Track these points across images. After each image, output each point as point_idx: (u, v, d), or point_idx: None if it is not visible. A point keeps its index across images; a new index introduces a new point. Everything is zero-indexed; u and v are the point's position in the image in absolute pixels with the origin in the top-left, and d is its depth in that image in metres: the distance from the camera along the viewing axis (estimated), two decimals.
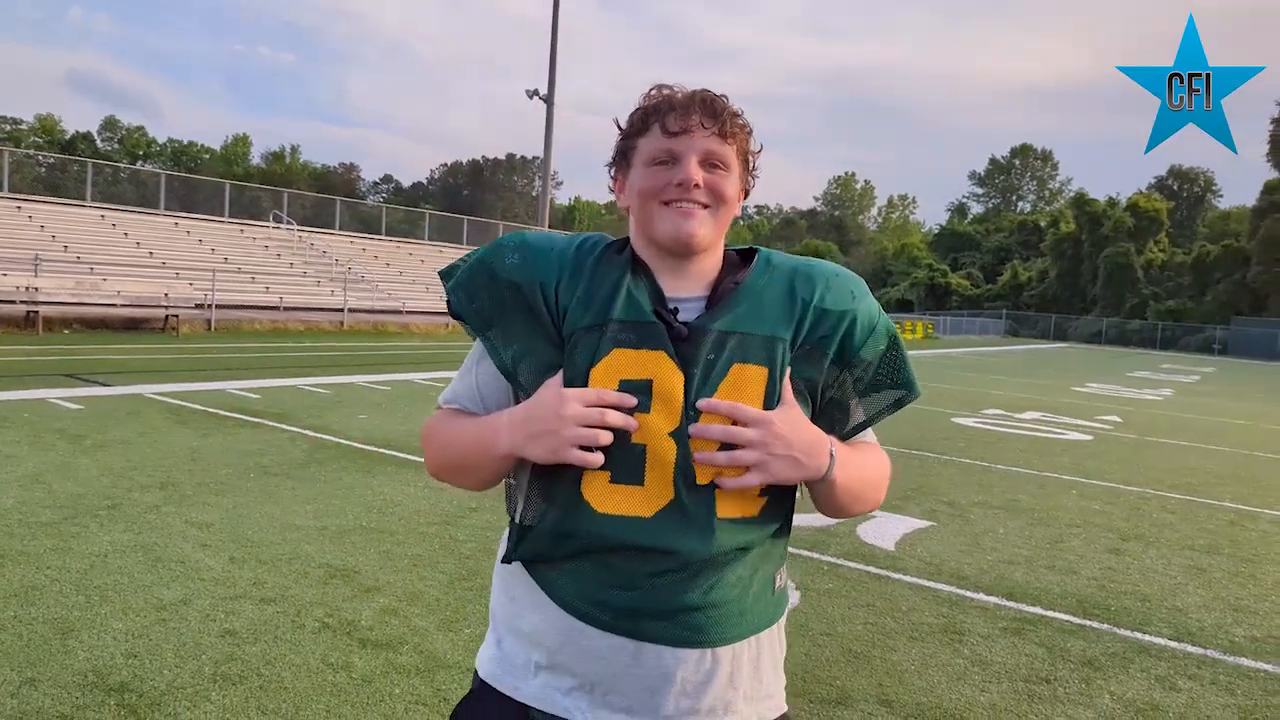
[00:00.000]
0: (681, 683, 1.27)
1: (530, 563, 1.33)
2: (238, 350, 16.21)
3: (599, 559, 1.26)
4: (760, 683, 1.35)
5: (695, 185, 1.28)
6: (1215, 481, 9.04)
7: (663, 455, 1.24)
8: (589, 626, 1.27)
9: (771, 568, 1.36)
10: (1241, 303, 58.95)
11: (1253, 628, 4.63)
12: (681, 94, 1.32)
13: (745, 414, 1.23)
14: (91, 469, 6.18)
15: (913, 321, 50.76)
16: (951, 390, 17.53)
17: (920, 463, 8.83)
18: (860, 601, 4.58)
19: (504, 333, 1.32)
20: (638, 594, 1.25)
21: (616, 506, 1.25)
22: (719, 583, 1.27)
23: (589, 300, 1.28)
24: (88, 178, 28.26)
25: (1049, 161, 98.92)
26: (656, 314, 1.27)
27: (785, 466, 1.24)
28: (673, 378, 1.25)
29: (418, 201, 79.31)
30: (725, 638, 1.28)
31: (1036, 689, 3.69)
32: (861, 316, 1.34)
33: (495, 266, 1.33)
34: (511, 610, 1.36)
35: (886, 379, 1.37)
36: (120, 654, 3.40)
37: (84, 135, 77.73)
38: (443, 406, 1.42)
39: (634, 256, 1.33)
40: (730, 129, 1.31)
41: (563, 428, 1.21)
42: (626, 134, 1.35)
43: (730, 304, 1.30)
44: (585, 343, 1.26)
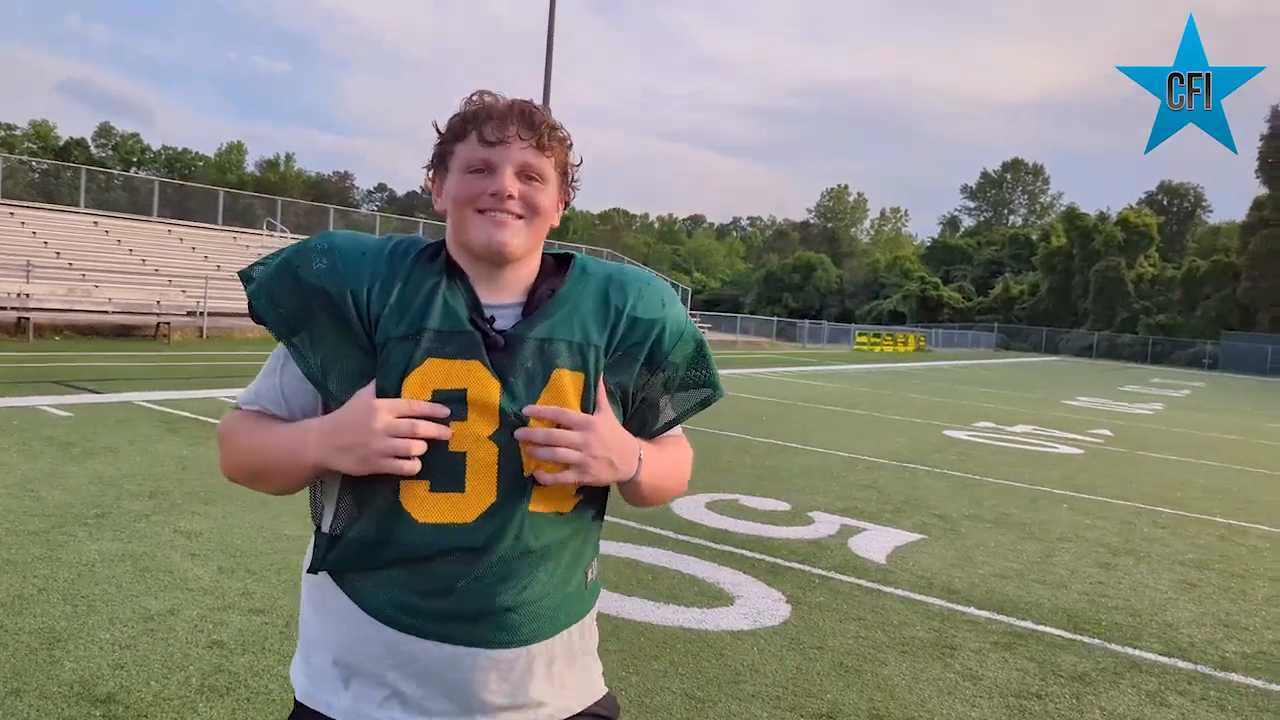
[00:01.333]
0: (496, 681, 1.29)
1: (339, 572, 1.32)
2: (230, 358, 16.16)
3: (414, 566, 1.27)
4: (573, 672, 1.38)
5: (509, 196, 1.29)
6: (1205, 496, 9.06)
7: (484, 460, 1.26)
8: (400, 633, 1.28)
9: (583, 564, 1.39)
10: (1231, 317, 59.25)
11: (1243, 643, 4.63)
12: (502, 103, 1.32)
13: (570, 418, 1.25)
14: (80, 477, 6.15)
15: (905, 334, 50.85)
16: (943, 403, 17.56)
17: (912, 475, 8.84)
18: (851, 615, 4.58)
19: (311, 339, 1.29)
20: (451, 599, 1.26)
21: (438, 515, 1.25)
22: (532, 582, 1.29)
23: (403, 309, 1.26)
24: (81, 184, 28.16)
25: (1040, 175, 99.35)
26: (473, 323, 1.28)
27: (602, 468, 1.27)
28: (489, 385, 1.25)
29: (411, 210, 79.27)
30: (538, 635, 1.31)
31: (1027, 704, 3.68)
32: (670, 323, 1.38)
33: (301, 270, 1.29)
34: (318, 622, 1.36)
35: (693, 380, 1.43)
36: (107, 665, 3.38)
37: (78, 141, 77.65)
38: (242, 407, 1.38)
39: (449, 263, 1.33)
40: (547, 141, 1.31)
41: (373, 440, 1.19)
42: (445, 139, 1.34)
43: (546, 311, 1.31)
44: (399, 352, 1.25)
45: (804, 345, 44.73)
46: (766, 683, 3.67)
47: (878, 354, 41.95)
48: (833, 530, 6.24)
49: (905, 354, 44.00)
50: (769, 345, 41.92)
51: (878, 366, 30.45)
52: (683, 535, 5.73)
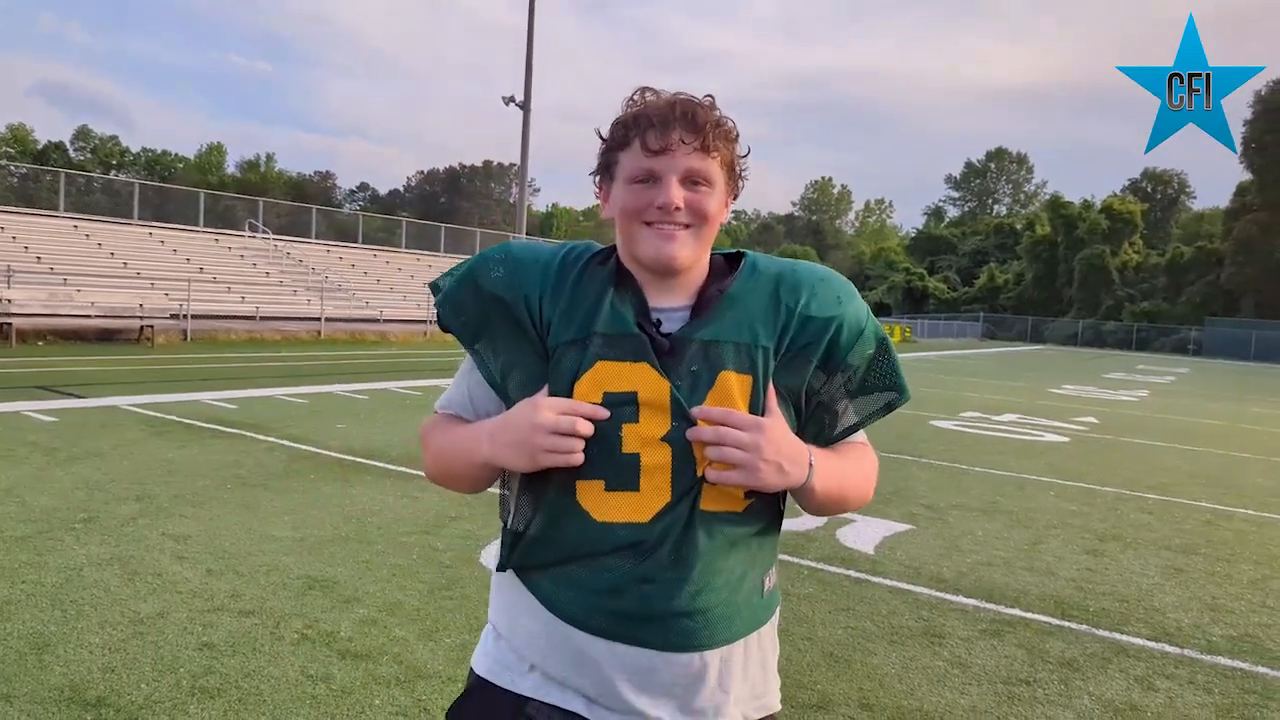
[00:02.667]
0: (671, 685, 1.29)
1: (522, 569, 1.35)
2: (214, 361, 16.09)
3: (591, 564, 1.28)
4: (749, 684, 1.36)
5: (676, 208, 1.27)
6: (1191, 481, 9.13)
7: (657, 461, 1.26)
8: (579, 632, 1.29)
9: (759, 571, 1.37)
10: (1215, 304, 59.64)
11: (1229, 627, 4.67)
12: (662, 102, 1.29)
13: (739, 419, 1.24)
14: (66, 482, 6.12)
15: (890, 325, 50.98)
16: (930, 393, 17.62)
17: (899, 466, 8.87)
18: (840, 605, 4.59)
19: (491, 345, 1.34)
20: (628, 599, 1.27)
21: (614, 514, 1.27)
22: (707, 587, 1.28)
23: (572, 314, 1.29)
24: (60, 188, 27.96)
25: (1024, 165, 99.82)
26: (639, 327, 1.28)
27: (770, 472, 1.24)
28: (658, 386, 1.26)
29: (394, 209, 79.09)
30: (714, 641, 1.30)
31: (1016, 691, 3.70)
32: (848, 321, 1.34)
33: (481, 279, 1.34)
34: (505, 616, 1.39)
35: (876, 382, 1.38)
36: (97, 668, 3.36)
37: (56, 145, 76.97)
38: (438, 411, 1.46)
39: (619, 267, 1.34)
40: (712, 142, 1.29)
41: (535, 435, 1.22)
42: (609, 146, 1.34)
43: (714, 313, 1.30)
44: (569, 357, 1.27)
45: None
46: None
47: None
48: (821, 521, 6.26)
49: None
50: None
51: None
52: None
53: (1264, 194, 58.42)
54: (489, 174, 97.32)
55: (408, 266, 33.09)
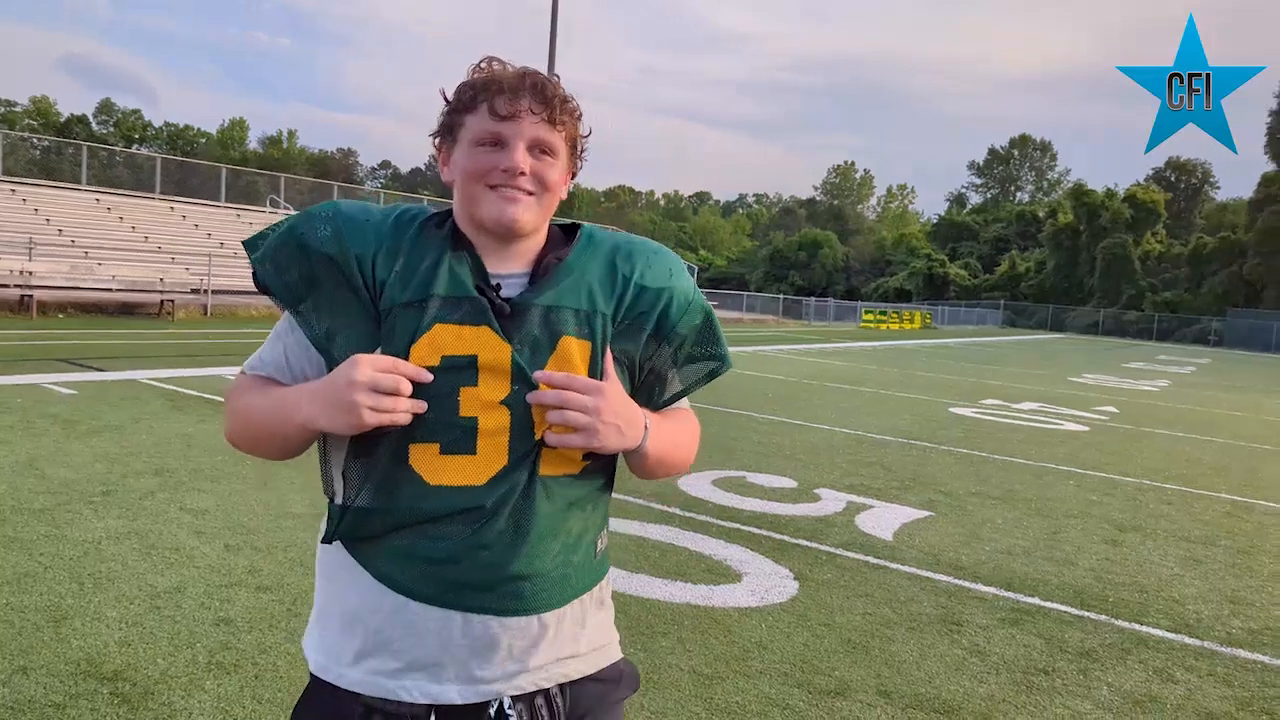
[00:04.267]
0: (508, 648, 1.29)
1: (352, 542, 1.31)
2: (234, 336, 16.16)
3: (424, 531, 1.26)
4: (586, 639, 1.38)
5: (521, 172, 1.28)
6: (1211, 473, 9.04)
7: (496, 424, 1.25)
8: (413, 601, 1.27)
9: (594, 533, 1.38)
10: (1237, 294, 59.03)
11: (1249, 619, 4.62)
12: (512, 73, 1.31)
13: (580, 383, 1.25)
14: (85, 455, 6.15)
15: (911, 311, 50.75)
16: (949, 380, 17.53)
17: (918, 452, 8.82)
18: (859, 592, 4.57)
19: (316, 306, 1.29)
20: (462, 567, 1.26)
21: (449, 477, 1.25)
22: (543, 551, 1.29)
23: (408, 275, 1.26)
24: (83, 161, 28.13)
25: (1048, 152, 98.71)
26: (479, 290, 1.27)
27: (610, 434, 1.26)
28: (499, 350, 1.25)
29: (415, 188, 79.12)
30: (550, 603, 1.31)
31: (1034, 680, 3.68)
32: (678, 294, 1.38)
33: (307, 237, 1.29)
34: (331, 593, 1.35)
35: (701, 352, 1.42)
36: (114, 642, 3.38)
37: (79, 118, 77.44)
38: (246, 373, 1.39)
39: (455, 232, 1.33)
40: (559, 115, 1.31)
41: (354, 392, 1.18)
42: (453, 108, 1.33)
43: (553, 279, 1.31)
44: (405, 319, 1.25)
45: (810, 323, 44.68)
46: (774, 659, 3.67)
47: (884, 331, 41.87)
48: (840, 507, 6.23)
49: (911, 331, 43.91)
50: (775, 323, 41.85)
51: (884, 344, 30.39)
52: (690, 512, 5.72)
53: None
54: None
55: None
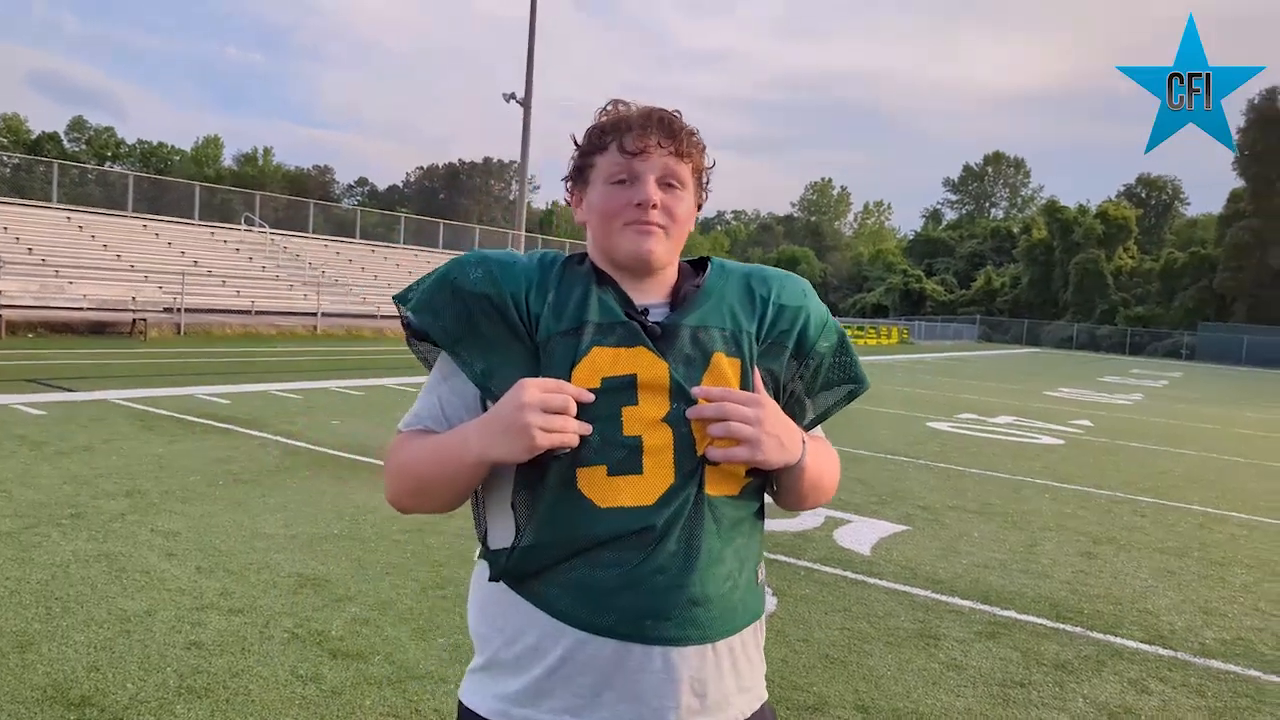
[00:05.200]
0: (690, 681, 1.27)
1: (518, 579, 1.29)
2: (208, 355, 16.02)
3: (597, 558, 1.25)
4: (751, 673, 1.37)
5: (654, 205, 1.31)
6: (1184, 485, 9.12)
7: (659, 442, 1.26)
8: (591, 635, 1.25)
9: (754, 561, 1.38)
10: (1208, 308, 59.79)
11: (1223, 630, 4.66)
12: (638, 111, 1.35)
13: (739, 395, 1.26)
14: (54, 476, 6.07)
15: (888, 327, 51.05)
16: (926, 395, 17.62)
17: (896, 467, 8.85)
18: (837, 607, 4.57)
19: (474, 346, 1.31)
20: (638, 593, 1.24)
21: (618, 498, 1.25)
22: (714, 574, 1.28)
23: (561, 307, 1.30)
24: (54, 179, 27.87)
25: (1021, 169, 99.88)
26: (629, 315, 1.30)
27: (773, 446, 1.26)
28: (657, 367, 1.27)
29: (393, 205, 78.92)
30: (723, 630, 1.29)
31: (1011, 693, 3.68)
32: (814, 313, 1.41)
33: (460, 282, 1.33)
34: (498, 635, 1.32)
35: (838, 375, 1.44)
36: (82, 667, 3.32)
37: (50, 136, 76.71)
38: (403, 431, 1.39)
39: (595, 269, 1.36)
40: (686, 148, 1.34)
41: (525, 414, 1.19)
42: (584, 150, 1.37)
43: (695, 303, 1.34)
44: (563, 346, 1.28)
45: None
46: None
47: (861, 346, 42.05)
48: (818, 522, 6.24)
49: (889, 347, 44.15)
50: None
51: (862, 359, 30.37)
52: None
53: (1257, 201, 58.55)
54: (489, 171, 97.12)
55: (406, 263, 33.02)
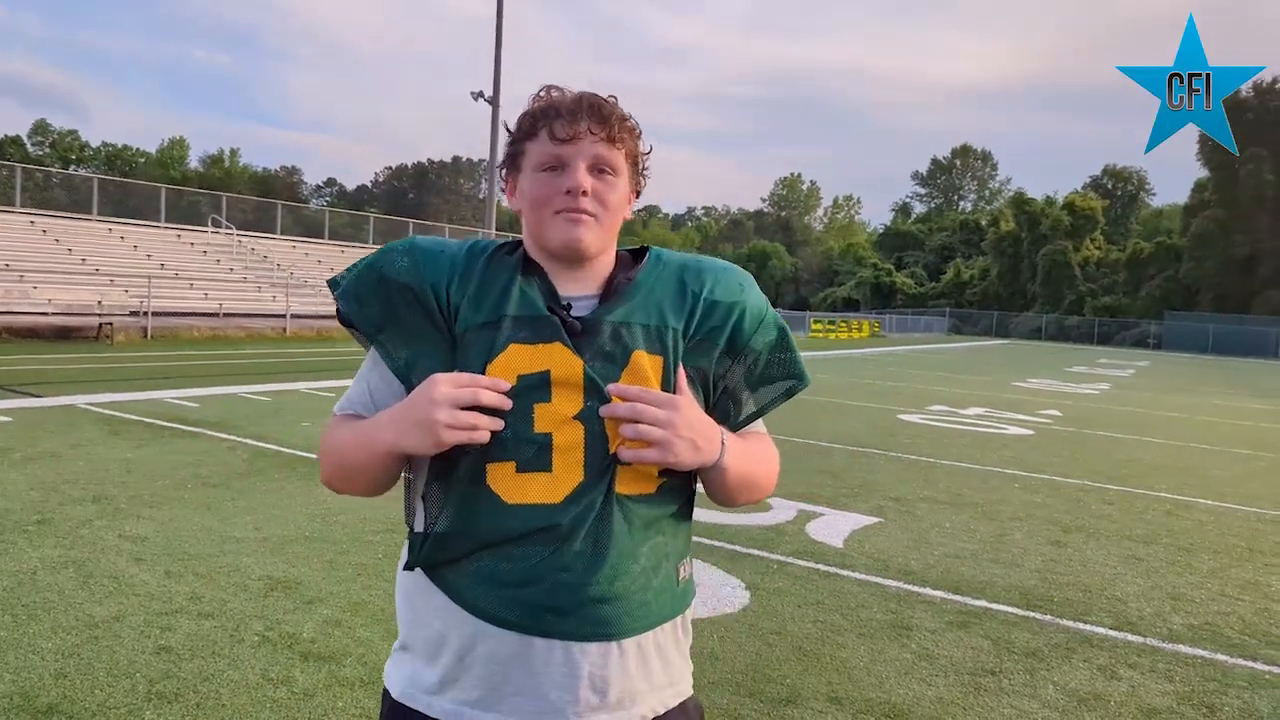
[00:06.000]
0: (589, 678, 1.27)
1: (433, 567, 1.31)
2: (175, 358, 15.85)
3: (503, 552, 1.26)
4: (666, 672, 1.35)
5: (583, 193, 1.30)
6: (1152, 472, 9.24)
7: (570, 440, 1.26)
8: (494, 627, 1.26)
9: (674, 559, 1.36)
10: (1174, 298, 60.56)
11: (1190, 615, 4.72)
12: (570, 97, 1.33)
13: (654, 396, 1.25)
14: (20, 482, 5.98)
15: (859, 320, 51.31)
16: (897, 387, 17.74)
17: (867, 459, 8.91)
18: (810, 599, 4.59)
19: (395, 335, 1.33)
20: (541, 589, 1.25)
21: (526, 495, 1.26)
22: (623, 573, 1.28)
23: (481, 299, 1.30)
24: (17, 183, 27.42)
25: (988, 162, 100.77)
26: (550, 309, 1.30)
27: (685, 449, 1.25)
28: (571, 364, 1.27)
29: (362, 205, 78.46)
30: (630, 629, 1.29)
31: (982, 681, 3.72)
32: (750, 308, 1.38)
33: (385, 270, 1.33)
34: (414, 620, 1.35)
35: (777, 370, 1.42)
36: (49, 674, 3.28)
37: (13, 139, 75.64)
38: (337, 415, 1.40)
39: (526, 258, 1.36)
40: (618, 133, 1.33)
41: (434, 410, 1.20)
42: (515, 138, 1.36)
43: (623, 297, 1.33)
44: (479, 339, 1.28)
45: None
46: (726, 669, 3.67)
47: (833, 340, 42.26)
48: (790, 516, 6.27)
49: (860, 340, 44.37)
50: None
51: (833, 353, 30.67)
52: None
53: (1221, 191, 59.37)
54: (458, 170, 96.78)
55: None
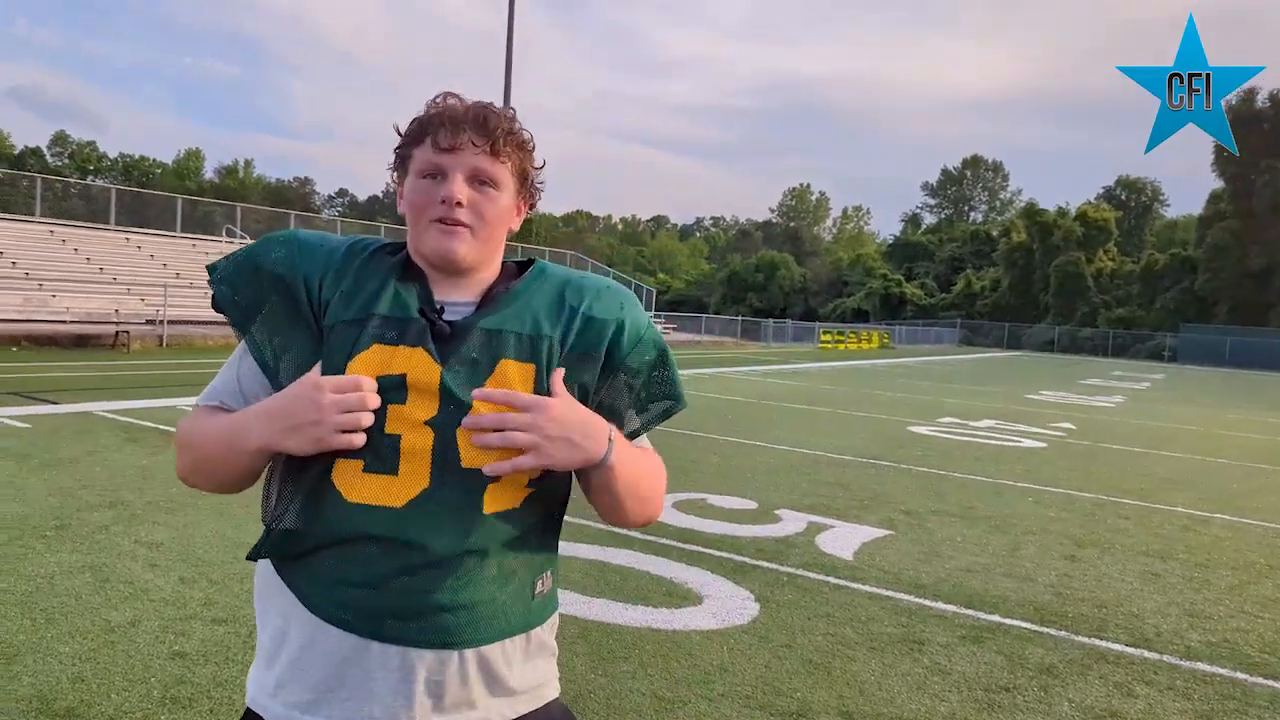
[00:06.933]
0: (425, 683, 1.25)
1: (280, 561, 1.30)
2: (191, 366, 15.93)
3: (343, 553, 1.24)
4: (517, 680, 1.33)
5: (458, 204, 1.28)
6: (1168, 487, 9.19)
7: (419, 444, 1.24)
8: (332, 627, 1.25)
9: (532, 572, 1.34)
10: (1190, 310, 60.27)
11: (1208, 632, 4.69)
12: (461, 106, 1.32)
13: (520, 400, 1.22)
14: (39, 489, 6.02)
15: (869, 331, 51.20)
16: (908, 399, 17.69)
17: (877, 472, 8.89)
18: (820, 612, 4.58)
19: (265, 327, 1.30)
20: (382, 593, 1.23)
21: (367, 495, 1.23)
22: (468, 583, 1.25)
23: (353, 295, 1.28)
24: (37, 193, 27.68)
25: (999, 172, 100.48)
26: (421, 313, 1.28)
27: (561, 449, 1.22)
28: (429, 370, 1.24)
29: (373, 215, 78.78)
30: (474, 640, 1.27)
31: (996, 698, 3.70)
32: (629, 325, 1.36)
33: (261, 260, 1.32)
34: (262, 619, 1.34)
35: (657, 390, 1.39)
36: (66, 678, 3.31)
37: (33, 150, 76.38)
38: (200, 405, 1.36)
39: (407, 261, 1.34)
40: (502, 146, 1.31)
41: (325, 416, 1.18)
42: (404, 142, 1.34)
43: (497, 305, 1.31)
44: (344, 335, 1.26)
45: (768, 344, 44.90)
46: (736, 682, 3.67)
47: (842, 352, 42.19)
48: (800, 528, 6.26)
49: (869, 351, 44.28)
50: (734, 345, 42.01)
51: (842, 364, 30.62)
52: (650, 536, 5.71)
53: (1236, 202, 59.17)
54: None
55: None
